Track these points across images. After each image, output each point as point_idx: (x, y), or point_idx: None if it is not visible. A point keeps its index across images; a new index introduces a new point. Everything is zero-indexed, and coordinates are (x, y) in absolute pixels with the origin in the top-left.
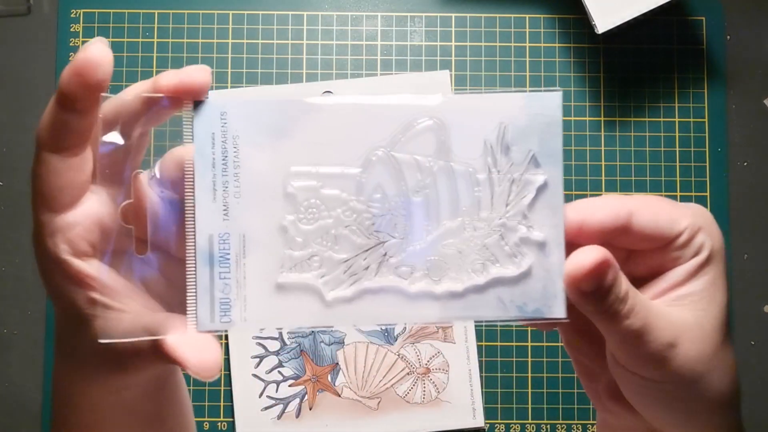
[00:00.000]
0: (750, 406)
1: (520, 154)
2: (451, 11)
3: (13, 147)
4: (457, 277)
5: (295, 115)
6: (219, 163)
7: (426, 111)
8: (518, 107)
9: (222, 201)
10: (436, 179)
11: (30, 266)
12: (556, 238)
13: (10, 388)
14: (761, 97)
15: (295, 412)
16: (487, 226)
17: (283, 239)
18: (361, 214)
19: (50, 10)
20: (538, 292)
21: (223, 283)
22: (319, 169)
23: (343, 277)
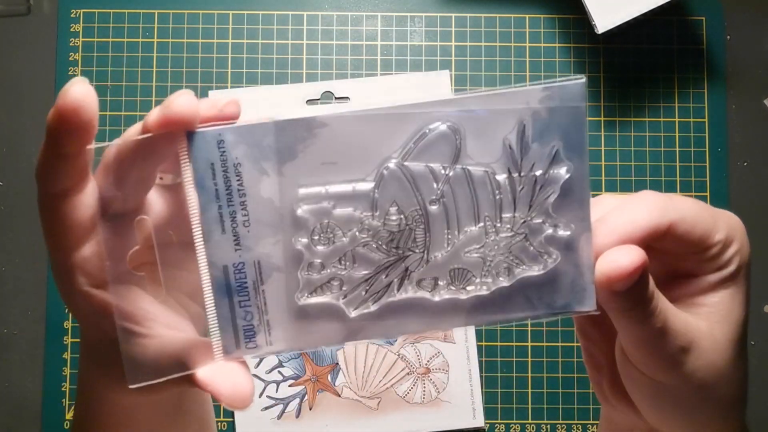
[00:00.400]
0: (750, 406)
1: (542, 151)
2: (451, 11)
3: (13, 147)
4: (482, 282)
5: (297, 134)
6: (223, 194)
7: (438, 116)
8: (538, 100)
9: (232, 231)
10: (453, 187)
11: (30, 266)
12: (584, 232)
13: (10, 388)
14: (761, 97)
15: (295, 412)
16: (510, 229)
17: (300, 263)
18: (377, 230)
19: (50, 10)
20: (566, 288)
21: (244, 311)
22: (328, 189)
23: (365, 295)
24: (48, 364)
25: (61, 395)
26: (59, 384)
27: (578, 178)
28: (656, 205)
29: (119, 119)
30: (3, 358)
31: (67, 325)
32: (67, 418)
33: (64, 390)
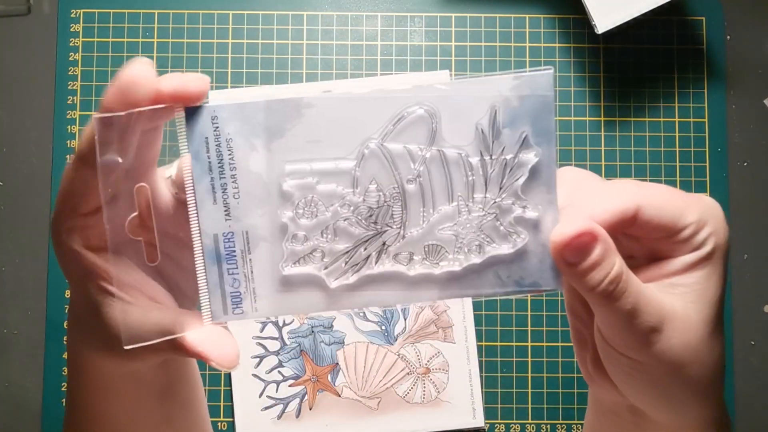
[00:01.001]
0: (750, 406)
1: (512, 136)
2: (451, 11)
3: (13, 147)
4: (455, 259)
5: (285, 113)
6: (216, 167)
7: (416, 100)
8: (509, 89)
9: (222, 202)
10: (429, 167)
11: (30, 266)
12: (552, 213)
13: (10, 388)
14: (761, 97)
15: (295, 412)
16: (482, 208)
17: (285, 235)
18: (358, 206)
19: (50, 10)
20: (534, 267)
21: (232, 278)
22: (312, 166)
23: (344, 267)
24: (48, 364)
25: (61, 395)
26: (59, 384)
27: (546, 163)
28: (625, 191)
29: None
30: (3, 358)
31: (67, 325)
32: None
33: (64, 390)
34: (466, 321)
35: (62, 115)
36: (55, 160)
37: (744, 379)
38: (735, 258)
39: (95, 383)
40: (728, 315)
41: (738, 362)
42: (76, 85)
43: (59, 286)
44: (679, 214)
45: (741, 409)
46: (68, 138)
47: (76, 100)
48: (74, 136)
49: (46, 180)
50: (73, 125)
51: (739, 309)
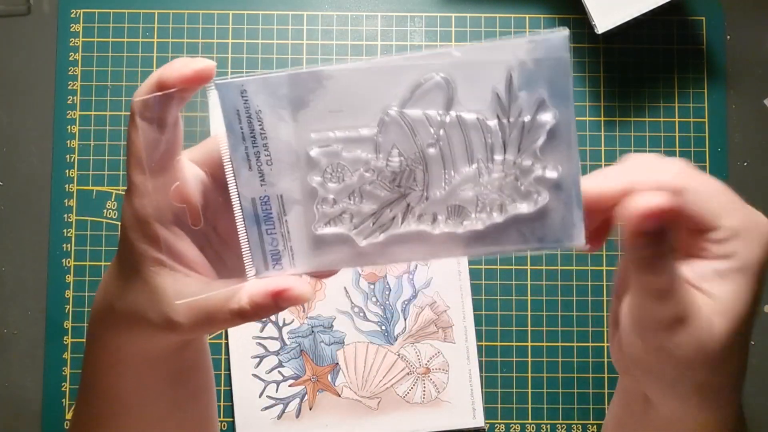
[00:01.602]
0: (750, 406)
1: (529, 99)
2: (451, 11)
3: (13, 147)
4: (477, 218)
5: (309, 85)
6: (248, 137)
7: (433, 67)
8: (524, 52)
9: (257, 169)
10: (448, 131)
11: (30, 266)
12: (572, 172)
13: (10, 388)
14: (761, 97)
15: (295, 412)
16: (502, 169)
17: (316, 198)
18: (382, 171)
19: (50, 10)
20: (556, 224)
21: (270, 237)
22: (337, 134)
23: (372, 227)
24: (48, 364)
25: (61, 395)
26: (59, 384)
27: (564, 124)
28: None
29: (119, 119)
30: (3, 358)
31: (67, 325)
32: (67, 418)
33: (64, 390)
34: (466, 321)
35: (62, 115)
36: (55, 160)
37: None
38: None
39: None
40: None
41: None
42: (76, 85)
43: (59, 286)
44: (718, 213)
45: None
46: (68, 138)
47: (76, 100)
48: (74, 136)
49: (46, 180)
50: (73, 125)
51: None
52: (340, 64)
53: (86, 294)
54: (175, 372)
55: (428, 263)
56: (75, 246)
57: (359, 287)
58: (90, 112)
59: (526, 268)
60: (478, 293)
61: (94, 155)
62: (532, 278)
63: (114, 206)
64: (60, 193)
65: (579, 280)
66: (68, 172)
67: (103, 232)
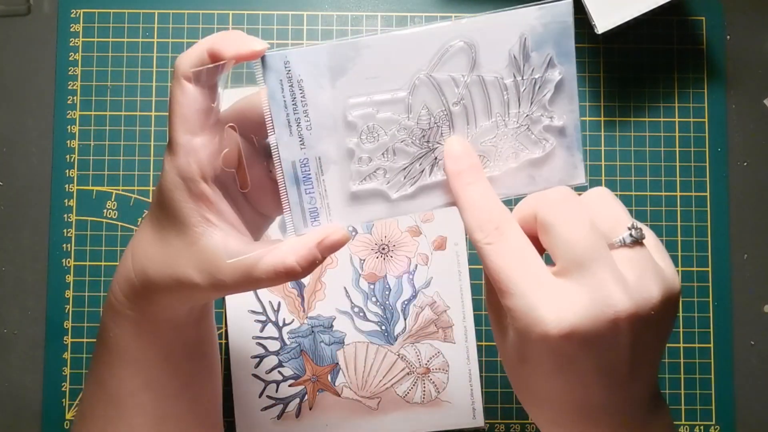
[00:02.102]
0: (750, 406)
1: (539, 58)
2: (451, 11)
3: (13, 147)
4: (495, 165)
5: (346, 54)
6: (290, 104)
7: (456, 35)
8: (535, 18)
9: (297, 134)
10: (471, 90)
11: (30, 266)
12: (574, 120)
13: (10, 388)
14: (761, 97)
15: (295, 412)
16: (516, 121)
17: (352, 158)
18: (412, 129)
19: (50, 10)
20: (560, 166)
21: (309, 196)
22: (372, 98)
23: (403, 180)
24: (48, 364)
25: (61, 395)
26: (59, 384)
27: (568, 79)
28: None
29: (119, 119)
30: (3, 358)
31: (67, 325)
32: (67, 418)
33: (64, 390)
34: (466, 321)
35: (62, 115)
36: (55, 160)
37: (744, 379)
38: (735, 258)
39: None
40: (728, 315)
41: (738, 362)
42: (76, 85)
43: (59, 286)
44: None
45: (741, 408)
46: (68, 138)
47: (76, 100)
48: (74, 136)
49: (46, 180)
50: (73, 125)
51: (739, 309)
52: (374, 34)
53: (86, 294)
54: (195, 343)
55: (458, 259)
56: (75, 246)
57: (359, 287)
58: (90, 112)
59: None
60: (478, 293)
61: (94, 155)
62: None
63: (114, 206)
64: (60, 193)
65: None
66: (68, 172)
67: (103, 232)
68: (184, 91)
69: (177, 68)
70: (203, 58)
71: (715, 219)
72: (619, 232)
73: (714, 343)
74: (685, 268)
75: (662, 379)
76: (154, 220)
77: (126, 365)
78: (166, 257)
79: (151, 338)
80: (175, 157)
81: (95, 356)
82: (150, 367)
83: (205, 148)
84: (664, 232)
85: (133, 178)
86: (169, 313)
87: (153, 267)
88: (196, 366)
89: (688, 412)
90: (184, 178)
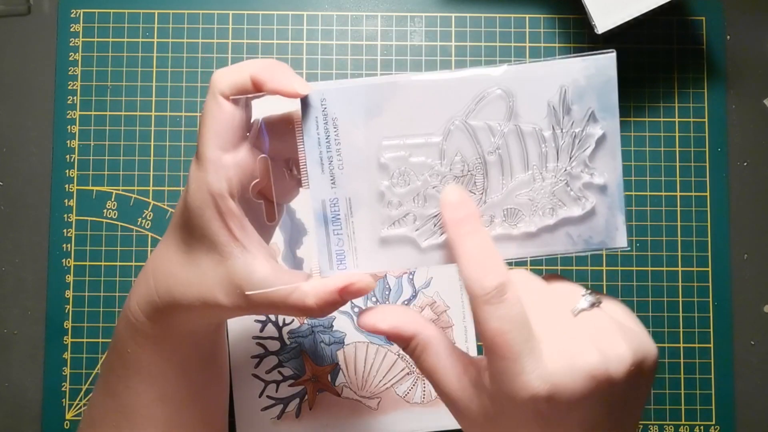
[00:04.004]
0: (750, 406)
1: (580, 112)
2: (451, 11)
3: (13, 147)
4: (530, 221)
5: (382, 95)
6: (323, 142)
7: (494, 82)
8: (577, 70)
9: (329, 173)
10: (507, 140)
11: (30, 266)
12: (617, 178)
13: (10, 388)
14: (761, 97)
15: (295, 412)
16: (554, 176)
17: (382, 201)
18: (445, 176)
19: (50, 10)
20: (601, 227)
21: (337, 238)
22: (406, 141)
23: (434, 228)
24: (48, 364)
25: (61, 395)
26: (59, 384)
27: (611, 135)
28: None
29: (119, 119)
30: (3, 358)
31: (67, 325)
32: (67, 418)
33: (64, 390)
34: (466, 321)
35: (62, 115)
36: (55, 160)
37: (744, 379)
38: (735, 258)
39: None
40: (728, 315)
41: (738, 362)
42: (76, 85)
43: (59, 286)
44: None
45: (741, 409)
46: (68, 138)
47: (76, 100)
48: (74, 136)
49: (46, 180)
50: (73, 125)
51: (739, 309)
52: (410, 74)
53: (86, 294)
54: (210, 352)
55: None
56: (75, 246)
57: None
58: (90, 112)
59: (526, 268)
60: None
61: (94, 155)
62: None
63: (114, 206)
64: (60, 193)
65: (579, 280)
66: (68, 172)
67: (103, 232)
68: (220, 106)
69: (214, 83)
70: (245, 82)
71: (715, 219)
72: (577, 299)
73: (714, 343)
74: (685, 268)
75: (662, 379)
76: (178, 239)
77: (142, 380)
78: (192, 277)
79: (170, 354)
80: (204, 173)
81: (108, 368)
82: (166, 381)
83: (236, 165)
84: (664, 232)
85: (133, 178)
86: (190, 327)
87: (179, 288)
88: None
89: (688, 412)
90: (213, 194)
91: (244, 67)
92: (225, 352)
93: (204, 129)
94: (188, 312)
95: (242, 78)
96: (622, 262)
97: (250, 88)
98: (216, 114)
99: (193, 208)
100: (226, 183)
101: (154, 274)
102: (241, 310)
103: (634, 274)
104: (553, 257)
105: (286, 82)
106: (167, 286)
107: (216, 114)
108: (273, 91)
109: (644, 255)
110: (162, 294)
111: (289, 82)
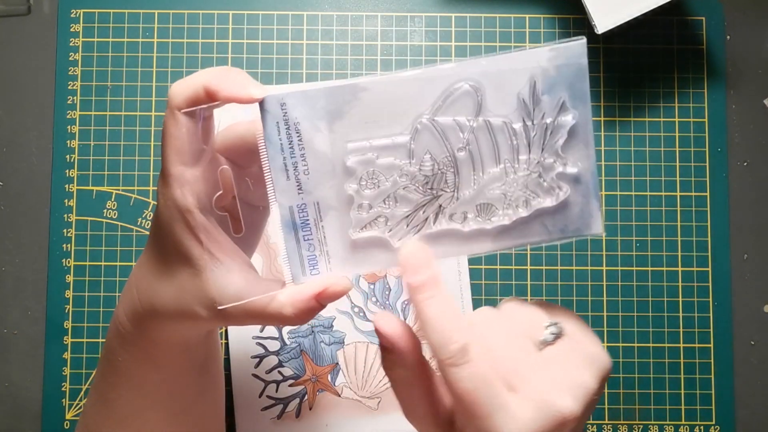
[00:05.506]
0: (750, 406)
1: (551, 102)
2: (451, 11)
3: (13, 147)
4: (504, 214)
5: (343, 97)
6: (287, 147)
7: (461, 77)
8: (546, 59)
9: (294, 179)
10: (477, 135)
11: (30, 266)
12: (590, 167)
13: (10, 388)
14: (761, 97)
15: (295, 412)
16: (527, 168)
17: (351, 204)
18: (414, 175)
19: (50, 10)
20: (576, 215)
21: (307, 243)
22: (372, 143)
23: (406, 228)
24: (48, 364)
25: (61, 395)
26: (59, 384)
27: (583, 124)
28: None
29: (119, 119)
30: (3, 358)
31: (67, 325)
32: (67, 418)
33: (64, 390)
34: None
35: (62, 115)
36: (55, 160)
37: (744, 379)
38: (735, 258)
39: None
40: (728, 315)
41: (738, 362)
42: (76, 85)
43: (59, 286)
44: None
45: (741, 409)
46: (68, 138)
47: (76, 100)
48: (74, 136)
49: (46, 180)
50: (73, 125)
51: (739, 309)
52: (373, 76)
53: (86, 294)
54: (203, 359)
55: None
56: (75, 246)
57: (359, 287)
58: (90, 112)
59: (526, 268)
60: (478, 293)
61: (94, 155)
62: (532, 278)
63: (114, 206)
64: (60, 193)
65: (579, 281)
66: (68, 172)
67: (103, 232)
68: (177, 122)
69: (170, 99)
70: (198, 93)
71: (715, 219)
72: (540, 331)
73: (714, 343)
74: (685, 268)
75: (662, 379)
76: (155, 252)
77: (134, 388)
78: (170, 291)
79: (160, 362)
80: (168, 189)
81: (100, 375)
82: (158, 389)
83: (200, 179)
84: (664, 232)
85: (133, 178)
86: (177, 337)
87: (159, 300)
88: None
89: (688, 412)
90: (180, 210)
91: (197, 78)
92: (218, 359)
93: (164, 145)
94: (171, 323)
95: (195, 90)
96: (622, 262)
97: (205, 99)
98: (173, 130)
99: (164, 224)
100: (192, 198)
101: (137, 285)
102: (221, 322)
103: (634, 274)
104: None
105: (238, 89)
106: (148, 298)
107: (173, 130)
108: (227, 99)
109: (644, 255)
110: (144, 305)
111: (243, 89)
